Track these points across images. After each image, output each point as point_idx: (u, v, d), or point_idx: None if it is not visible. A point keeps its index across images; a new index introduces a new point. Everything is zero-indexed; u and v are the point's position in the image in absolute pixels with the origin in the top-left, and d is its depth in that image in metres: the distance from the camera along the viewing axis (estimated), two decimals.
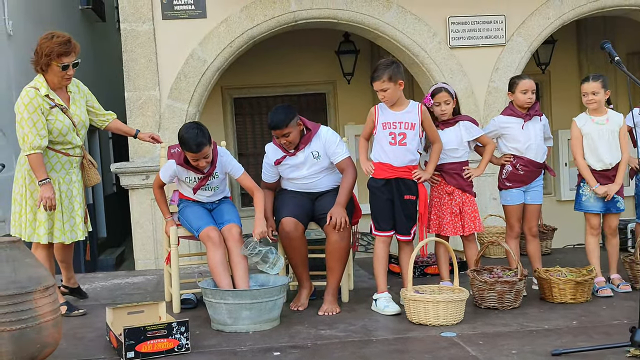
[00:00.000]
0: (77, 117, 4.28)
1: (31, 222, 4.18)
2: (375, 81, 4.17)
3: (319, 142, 4.39)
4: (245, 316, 3.85)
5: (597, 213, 4.56)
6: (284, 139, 4.31)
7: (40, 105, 4.08)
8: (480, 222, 4.53)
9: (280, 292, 3.98)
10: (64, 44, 4.11)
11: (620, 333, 3.58)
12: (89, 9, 10.29)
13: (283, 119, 4.26)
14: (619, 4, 7.10)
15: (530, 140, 4.53)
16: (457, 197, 4.47)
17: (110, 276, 5.89)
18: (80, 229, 4.29)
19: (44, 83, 4.16)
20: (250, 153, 9.39)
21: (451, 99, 4.46)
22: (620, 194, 4.54)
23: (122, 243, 11.36)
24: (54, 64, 4.11)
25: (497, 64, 7.00)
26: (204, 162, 4.15)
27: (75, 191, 4.29)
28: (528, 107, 4.54)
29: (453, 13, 6.94)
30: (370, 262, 4.73)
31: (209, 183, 4.30)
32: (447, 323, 3.87)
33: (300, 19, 6.76)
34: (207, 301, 3.96)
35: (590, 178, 4.49)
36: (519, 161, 4.53)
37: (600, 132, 4.49)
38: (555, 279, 4.32)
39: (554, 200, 9.31)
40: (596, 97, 4.46)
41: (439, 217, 4.50)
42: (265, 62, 8.98)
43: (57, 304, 3.15)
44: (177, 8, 6.61)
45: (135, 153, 6.56)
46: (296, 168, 4.42)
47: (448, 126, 4.48)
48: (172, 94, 6.58)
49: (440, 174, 4.48)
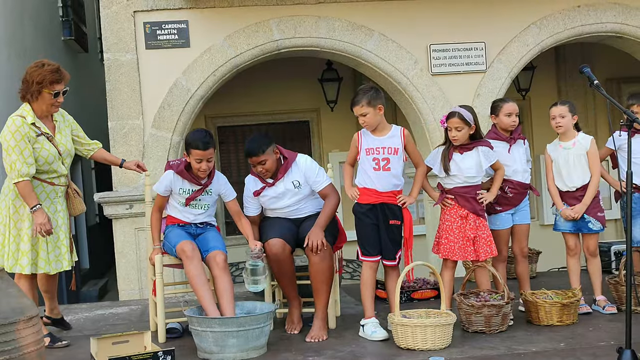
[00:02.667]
0: (63, 146, 4.27)
1: (14, 252, 4.13)
2: (354, 106, 4.20)
3: (298, 171, 4.39)
4: (231, 344, 3.81)
5: (572, 233, 4.67)
6: (260, 166, 4.31)
7: (27, 133, 4.07)
8: (495, 247, 4.42)
9: (267, 319, 3.95)
10: (56, 71, 4.14)
11: (607, 355, 3.60)
12: (72, 39, 10.31)
13: (258, 145, 4.27)
14: (596, 30, 7.24)
15: (516, 164, 4.58)
16: (472, 221, 4.35)
17: (93, 307, 5.81)
18: (66, 259, 4.25)
19: (30, 111, 4.16)
20: (234, 181, 9.25)
21: (464, 125, 4.29)
22: (593, 215, 4.60)
23: (105, 274, 11.23)
24: (46, 92, 4.11)
25: (478, 90, 7.09)
26: (205, 165, 4.18)
27: (60, 220, 4.26)
28: (512, 130, 4.60)
29: (434, 40, 7.03)
30: (356, 289, 4.71)
31: (201, 198, 4.31)
32: (435, 347, 3.86)
33: (283, 47, 6.83)
34: (193, 329, 3.91)
35: (557, 201, 4.68)
36: (507, 184, 4.56)
37: (567, 156, 4.64)
38: (541, 301, 4.33)
39: (537, 224, 9.36)
40: (563, 120, 4.58)
41: (451, 242, 4.37)
42: (248, 91, 9.02)
43: (41, 335, 3.10)
44: (161, 38, 6.64)
45: (118, 182, 6.53)
46: (277, 199, 4.42)
47: (466, 151, 4.36)
48: (156, 123, 6.58)
49: (453, 198, 4.39)
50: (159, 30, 6.63)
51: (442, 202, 4.42)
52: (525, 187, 4.62)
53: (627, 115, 3.58)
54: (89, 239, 10.56)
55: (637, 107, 4.75)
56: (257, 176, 4.42)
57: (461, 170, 4.34)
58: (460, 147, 4.36)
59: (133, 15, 6.60)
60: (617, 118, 4.21)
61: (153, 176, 6.10)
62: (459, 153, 4.36)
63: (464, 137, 4.33)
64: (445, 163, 4.35)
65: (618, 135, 4.58)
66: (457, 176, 4.36)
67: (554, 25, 7.16)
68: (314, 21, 6.82)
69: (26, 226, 4.13)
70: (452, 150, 4.37)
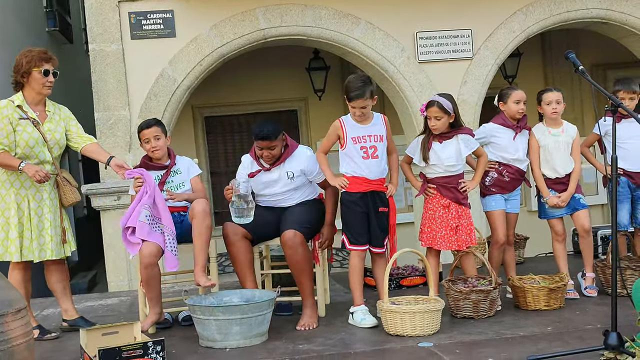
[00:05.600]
0: (51, 134, 4.26)
1: (3, 240, 4.14)
2: (358, 99, 4.09)
3: (295, 162, 4.38)
4: (235, 331, 3.85)
5: (560, 218, 4.69)
6: (267, 151, 4.30)
7: (9, 115, 4.11)
8: (475, 236, 4.45)
9: (268, 306, 3.98)
10: (44, 52, 4.24)
11: (593, 337, 3.63)
12: (56, 30, 10.22)
13: (274, 131, 4.26)
14: (582, 16, 7.27)
15: (519, 152, 4.60)
16: (454, 210, 4.35)
17: (83, 298, 5.80)
18: (50, 248, 4.22)
19: (21, 96, 4.21)
20: (222, 172, 9.36)
21: (443, 114, 4.25)
22: (578, 191, 4.66)
23: (93, 267, 11.20)
24: (35, 71, 4.16)
25: (465, 77, 7.10)
26: (154, 143, 4.34)
27: (45, 209, 4.24)
28: (519, 117, 4.61)
29: (421, 28, 7.03)
30: (345, 277, 4.73)
31: (173, 179, 4.41)
32: (424, 333, 3.89)
33: (270, 36, 6.80)
34: (196, 318, 3.94)
35: (544, 188, 4.66)
36: (505, 168, 4.59)
37: (557, 143, 4.65)
38: (528, 286, 4.37)
39: (525, 210, 9.40)
40: (559, 106, 4.62)
41: (433, 231, 4.39)
42: (235, 80, 8.99)
43: (30, 327, 3.09)
44: (146, 28, 6.60)
45: (106, 174, 6.49)
46: (267, 185, 4.43)
47: (445, 139, 4.34)
48: (143, 114, 6.55)
49: (435, 187, 4.39)
50: (144, 20, 6.59)
51: (424, 192, 4.43)
52: (522, 175, 4.65)
53: (612, 101, 3.60)
54: (77, 231, 10.50)
55: (623, 92, 4.77)
56: (255, 158, 4.40)
57: (441, 160, 4.33)
58: (440, 135, 4.33)
59: (118, 5, 6.55)
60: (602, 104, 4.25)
61: None
62: (438, 142, 4.34)
63: (443, 126, 4.31)
64: (424, 152, 4.33)
65: (603, 121, 4.61)
66: (437, 165, 4.35)
67: (539, 12, 7.18)
68: (301, 10, 6.80)
69: (12, 214, 4.13)
70: (432, 139, 4.35)
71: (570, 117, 7.91)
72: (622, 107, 3.56)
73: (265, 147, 4.28)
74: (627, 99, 4.74)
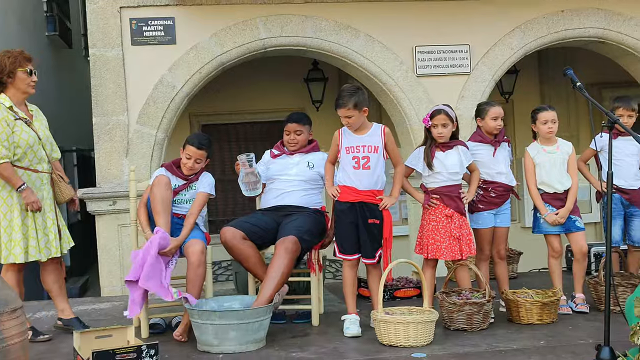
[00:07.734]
0: (42, 132, 4.31)
1: (6, 243, 4.13)
2: (340, 108, 4.17)
3: (315, 157, 4.61)
4: (231, 337, 3.86)
5: (556, 235, 4.71)
6: (294, 135, 4.59)
7: (5, 117, 4.12)
8: (474, 245, 4.47)
9: (266, 312, 3.99)
10: (23, 52, 4.30)
11: (586, 352, 3.65)
12: (56, 35, 10.23)
13: (304, 117, 4.69)
14: (579, 35, 7.33)
15: (500, 166, 4.62)
16: (457, 220, 4.36)
17: (76, 302, 5.78)
18: (54, 246, 4.27)
19: (7, 98, 4.21)
20: (218, 179, 9.34)
21: (450, 122, 4.35)
22: (576, 214, 4.66)
23: (86, 272, 11.15)
24: (20, 71, 4.20)
25: (462, 92, 7.15)
26: (192, 164, 4.39)
27: (47, 208, 4.26)
28: (496, 133, 4.64)
29: (419, 42, 7.08)
30: (340, 288, 4.74)
31: (185, 192, 4.45)
32: (418, 344, 3.90)
33: (270, 46, 6.84)
34: (194, 322, 3.95)
35: (541, 206, 4.68)
36: (490, 185, 4.60)
37: (553, 160, 4.69)
38: (522, 300, 4.39)
39: (519, 226, 9.45)
40: (555, 125, 4.66)
41: (437, 242, 4.35)
42: (234, 89, 9.01)
43: (25, 327, 3.08)
44: (147, 34, 6.62)
45: (102, 178, 6.50)
46: (286, 167, 4.58)
47: (447, 149, 4.39)
48: (141, 119, 6.56)
49: (439, 197, 4.38)
50: (145, 26, 6.61)
51: (428, 203, 4.43)
52: (508, 189, 4.66)
53: (608, 117, 3.64)
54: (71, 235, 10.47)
55: (622, 109, 4.83)
56: (280, 145, 4.68)
57: (445, 167, 4.36)
58: (443, 145, 4.38)
59: (119, 11, 6.57)
60: (598, 121, 4.30)
61: (137, 172, 6.11)
62: (441, 151, 4.38)
63: (449, 134, 4.37)
64: (428, 160, 4.36)
65: (599, 137, 4.65)
66: (441, 174, 4.37)
67: (537, 29, 7.24)
68: (301, 20, 6.84)
69: (15, 215, 4.13)
70: (434, 148, 4.39)
71: (566, 135, 7.94)
72: (619, 123, 3.60)
73: (293, 131, 4.56)
74: (625, 116, 4.79)
